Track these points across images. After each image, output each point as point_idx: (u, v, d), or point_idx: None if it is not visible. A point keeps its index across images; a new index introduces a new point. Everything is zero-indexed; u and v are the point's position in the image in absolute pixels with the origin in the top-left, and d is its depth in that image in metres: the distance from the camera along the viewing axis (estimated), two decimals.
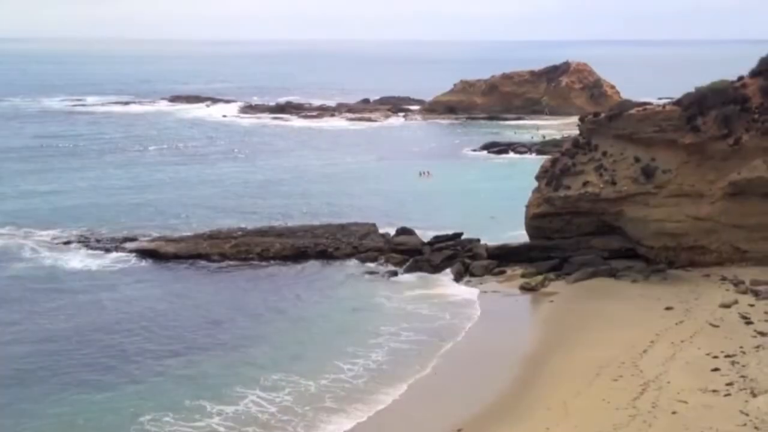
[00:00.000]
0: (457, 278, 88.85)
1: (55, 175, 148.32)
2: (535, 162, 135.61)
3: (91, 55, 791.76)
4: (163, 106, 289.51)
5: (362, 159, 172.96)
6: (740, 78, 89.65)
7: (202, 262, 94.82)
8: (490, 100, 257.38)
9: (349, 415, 57.59)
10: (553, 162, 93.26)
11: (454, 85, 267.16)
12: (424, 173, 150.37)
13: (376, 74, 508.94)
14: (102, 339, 71.22)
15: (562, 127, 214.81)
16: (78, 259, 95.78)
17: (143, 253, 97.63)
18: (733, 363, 59.90)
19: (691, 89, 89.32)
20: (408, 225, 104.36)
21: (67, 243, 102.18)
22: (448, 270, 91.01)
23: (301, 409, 57.86)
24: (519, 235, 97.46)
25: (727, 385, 55.86)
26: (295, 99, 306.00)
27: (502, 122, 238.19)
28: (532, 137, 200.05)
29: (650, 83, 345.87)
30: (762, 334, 66.15)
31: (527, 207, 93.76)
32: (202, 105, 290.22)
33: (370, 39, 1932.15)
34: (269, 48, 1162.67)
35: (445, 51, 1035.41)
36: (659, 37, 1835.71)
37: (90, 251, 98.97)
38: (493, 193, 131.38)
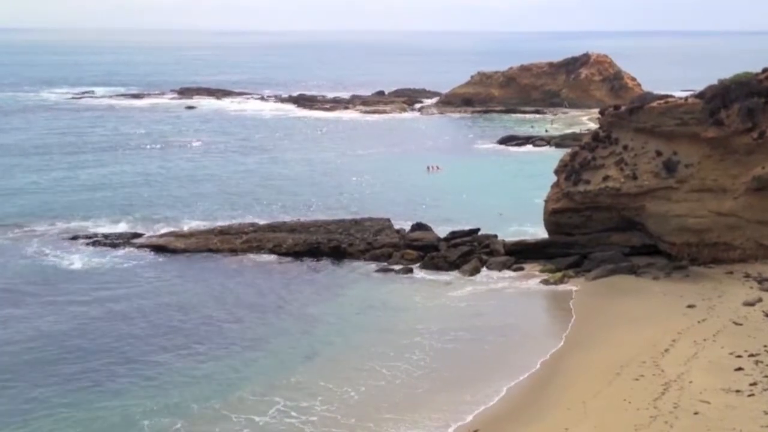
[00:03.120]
0: (472, 274, 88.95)
1: (62, 170, 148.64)
2: (549, 156, 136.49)
3: (96, 47, 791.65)
4: (173, 98, 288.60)
5: (373, 152, 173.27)
6: (765, 70, 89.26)
7: (213, 258, 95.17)
8: (507, 93, 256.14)
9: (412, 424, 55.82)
10: (573, 156, 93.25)
11: (471, 77, 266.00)
12: (432, 167, 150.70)
13: (390, 66, 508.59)
14: (106, 338, 71.27)
15: (573, 121, 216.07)
16: (85, 256, 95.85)
17: (152, 249, 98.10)
18: (757, 362, 59.76)
19: (714, 81, 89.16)
20: (413, 220, 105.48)
21: (74, 239, 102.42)
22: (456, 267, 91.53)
23: (348, 420, 56.15)
24: (523, 230, 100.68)
25: (751, 385, 55.76)
26: (307, 91, 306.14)
27: (519, 115, 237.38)
28: (546, 131, 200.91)
29: (672, 75, 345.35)
30: None
31: (546, 202, 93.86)
32: (212, 98, 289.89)
33: (383, 29, 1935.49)
34: (278, 39, 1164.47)
35: (460, 42, 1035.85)
36: (678, 28, 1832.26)
37: (97, 247, 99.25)
38: (502, 187, 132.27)
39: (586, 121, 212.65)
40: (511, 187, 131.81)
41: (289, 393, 60.11)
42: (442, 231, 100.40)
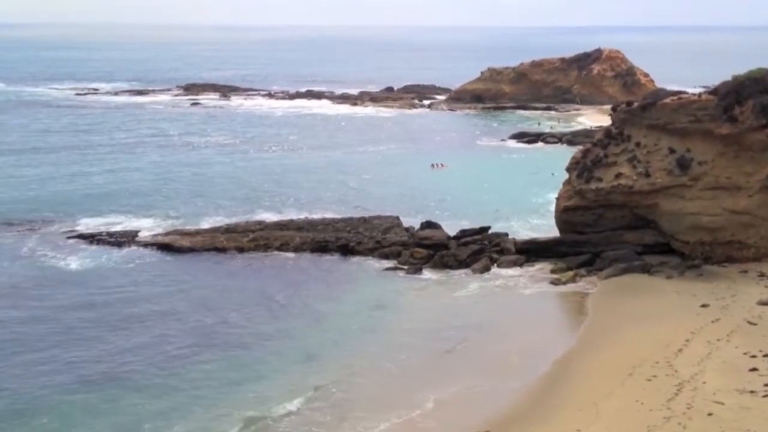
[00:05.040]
0: (482, 273, 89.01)
1: (67, 168, 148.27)
2: (555, 153, 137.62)
3: (99, 42, 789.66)
4: (178, 94, 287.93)
5: (384, 149, 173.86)
6: None
7: (219, 257, 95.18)
8: (518, 89, 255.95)
9: (381, 421, 56.68)
10: (585, 153, 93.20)
11: (481, 73, 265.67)
12: (437, 165, 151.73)
13: (399, 62, 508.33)
14: (108, 336, 71.42)
15: (574, 121, 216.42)
16: (88, 255, 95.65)
17: (157, 248, 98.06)
18: None
19: (728, 77, 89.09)
20: (413, 216, 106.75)
21: (79, 237, 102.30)
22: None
23: (325, 418, 56.93)
24: (512, 226, 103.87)
25: (766, 385, 55.62)
26: (315, 87, 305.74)
27: (530, 112, 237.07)
28: (551, 127, 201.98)
29: (685, 71, 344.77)
30: None
31: (557, 200, 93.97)
32: (218, 94, 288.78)
33: (390, 25, 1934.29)
34: (283, 34, 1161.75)
35: (470, 38, 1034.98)
36: (693, 23, 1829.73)
37: (101, 246, 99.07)
38: (503, 185, 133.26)
39: (584, 120, 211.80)
40: (512, 184, 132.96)
41: (279, 393, 60.51)
42: (445, 227, 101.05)
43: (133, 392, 60.86)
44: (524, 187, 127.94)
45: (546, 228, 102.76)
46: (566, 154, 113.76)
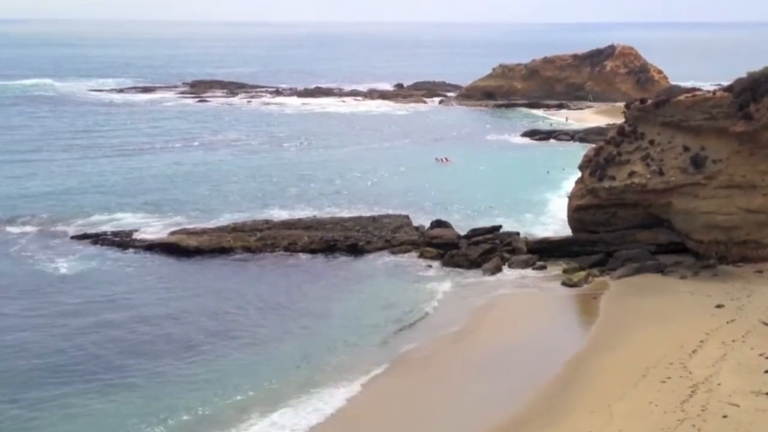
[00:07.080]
0: (493, 273, 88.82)
1: (71, 166, 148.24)
2: (561, 151, 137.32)
3: (102, 39, 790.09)
4: (185, 91, 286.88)
5: (397, 144, 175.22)
6: None
7: (225, 257, 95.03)
8: (530, 86, 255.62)
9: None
10: (598, 151, 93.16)
11: (493, 69, 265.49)
12: (441, 159, 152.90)
13: (409, 59, 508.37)
14: (109, 336, 71.30)
15: (573, 116, 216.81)
16: (90, 255, 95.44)
17: (162, 247, 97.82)
18: None
19: (743, 74, 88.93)
20: (411, 212, 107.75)
21: (82, 237, 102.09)
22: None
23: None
24: (506, 223, 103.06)
25: None
26: (323, 85, 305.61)
27: (542, 109, 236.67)
28: (551, 125, 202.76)
29: (699, 68, 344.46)
30: None
31: (569, 198, 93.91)
32: (225, 91, 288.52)
33: (401, 21, 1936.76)
34: (292, 30, 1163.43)
35: (479, 33, 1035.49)
36: (706, 20, 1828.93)
37: (103, 246, 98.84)
38: (502, 182, 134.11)
39: (571, 121, 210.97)
40: (510, 181, 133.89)
41: (272, 395, 60.67)
42: (445, 221, 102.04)
43: (121, 392, 60.74)
44: (521, 185, 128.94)
45: (537, 226, 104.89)
46: (569, 152, 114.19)
